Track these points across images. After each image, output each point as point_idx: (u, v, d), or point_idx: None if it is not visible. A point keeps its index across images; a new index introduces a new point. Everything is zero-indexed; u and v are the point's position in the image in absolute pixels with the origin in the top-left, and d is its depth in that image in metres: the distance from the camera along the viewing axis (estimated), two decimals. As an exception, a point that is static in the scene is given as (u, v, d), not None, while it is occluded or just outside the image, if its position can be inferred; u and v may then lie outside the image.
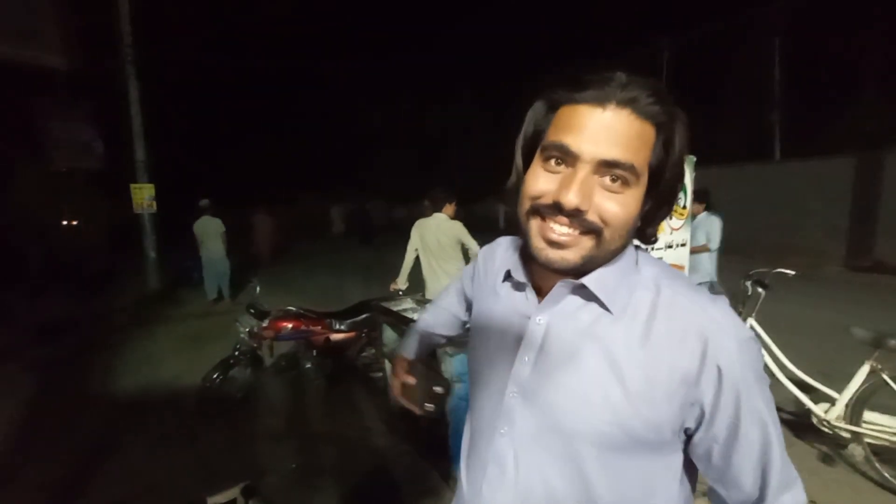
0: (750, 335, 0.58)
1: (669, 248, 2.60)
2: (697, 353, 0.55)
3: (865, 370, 2.37)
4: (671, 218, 2.65)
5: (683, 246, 2.72)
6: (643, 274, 0.63)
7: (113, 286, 8.30)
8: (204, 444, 2.91)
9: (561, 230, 0.56)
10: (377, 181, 21.47)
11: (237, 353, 3.33)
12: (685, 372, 0.55)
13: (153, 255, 7.70)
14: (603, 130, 0.53)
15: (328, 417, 3.24)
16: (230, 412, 3.23)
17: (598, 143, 0.53)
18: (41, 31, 7.75)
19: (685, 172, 0.60)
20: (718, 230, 3.95)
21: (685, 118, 0.58)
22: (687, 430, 0.59)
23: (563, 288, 0.62)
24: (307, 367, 3.59)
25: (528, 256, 0.66)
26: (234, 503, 1.81)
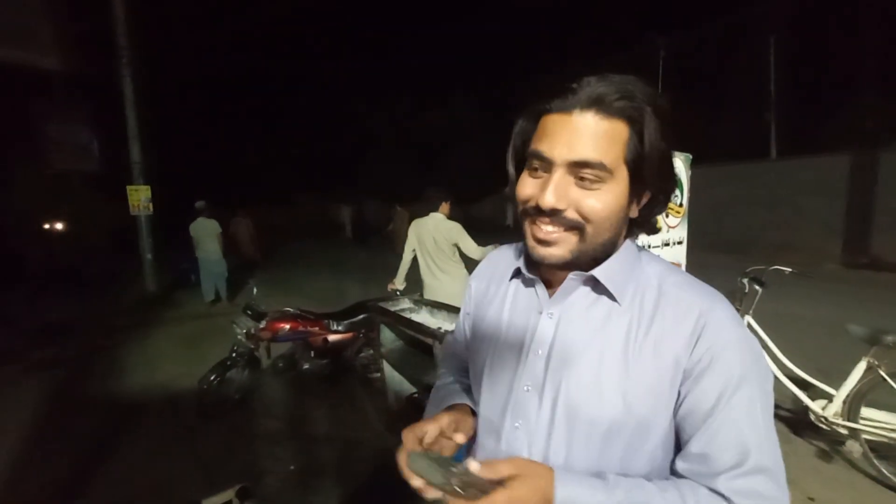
0: (748, 333, 0.63)
1: (666, 245, 2.61)
2: (694, 338, 0.59)
3: (862, 367, 2.37)
4: (667, 216, 2.65)
5: (680, 244, 2.73)
6: (647, 270, 0.67)
7: (110, 288, 8.27)
8: (202, 446, 2.90)
9: (546, 229, 0.62)
10: (375, 181, 21.45)
11: (234, 354, 3.32)
12: (681, 357, 0.60)
13: (150, 256, 7.67)
14: (570, 134, 0.58)
15: (326, 419, 3.23)
16: (228, 414, 3.22)
17: (567, 146, 0.58)
18: (36, 31, 7.72)
19: (673, 164, 0.61)
20: None
21: (664, 109, 0.60)
22: (676, 409, 0.61)
23: (573, 281, 0.66)
24: (305, 368, 3.58)
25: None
26: (229, 505, 1.80)
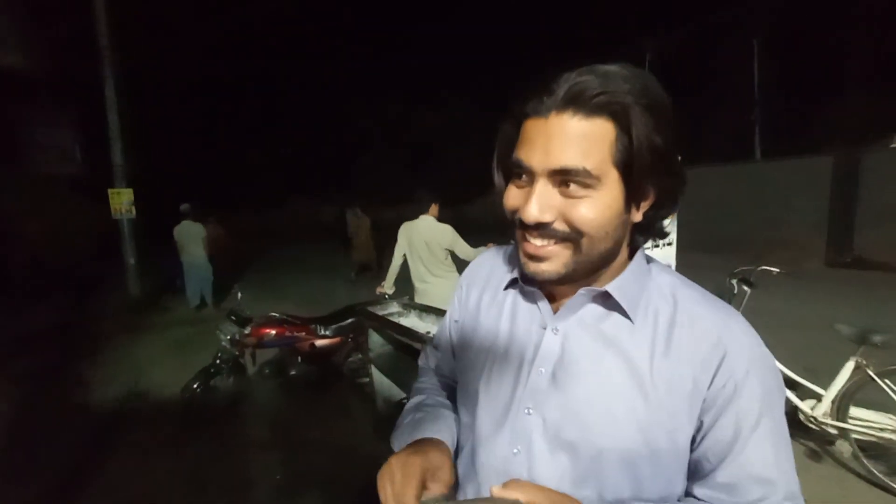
0: (766, 351, 0.58)
1: (656, 246, 2.60)
2: (715, 365, 0.55)
3: (851, 366, 2.38)
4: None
5: (670, 245, 2.73)
6: (658, 283, 0.62)
7: (92, 294, 8.08)
8: (186, 455, 2.82)
9: (536, 243, 0.56)
10: (365, 183, 21.33)
11: (218, 361, 3.24)
12: (702, 383, 0.55)
13: (133, 261, 7.49)
14: (547, 139, 0.52)
15: (314, 425, 3.17)
16: (213, 422, 3.14)
17: (545, 153, 0.52)
18: (15, 33, 7.53)
19: (676, 158, 0.54)
20: None
21: (655, 99, 0.52)
22: (693, 438, 0.57)
23: (583, 296, 0.60)
24: (292, 374, 3.51)
25: None
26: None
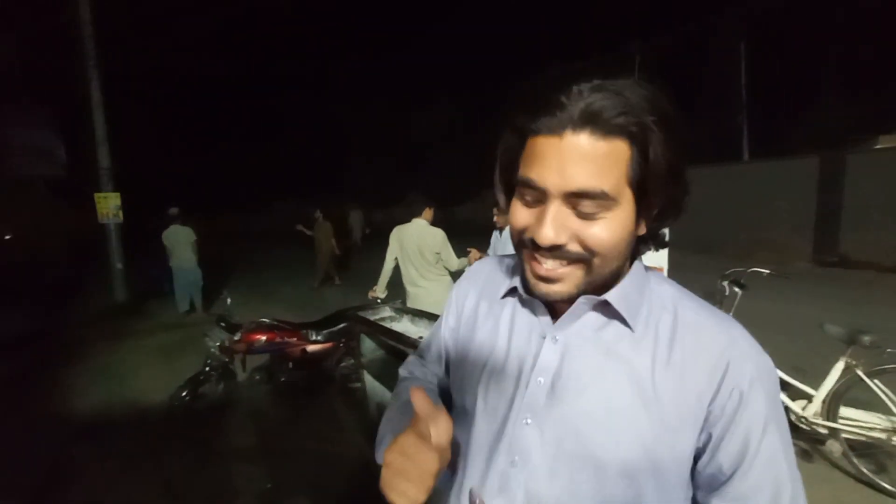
0: (768, 358, 0.57)
1: (652, 248, 2.61)
2: (718, 376, 0.54)
3: (840, 367, 2.41)
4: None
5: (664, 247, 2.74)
6: (658, 292, 0.61)
7: (78, 299, 7.92)
8: (173, 464, 2.76)
9: (547, 265, 0.54)
10: (355, 185, 21.25)
11: (207, 368, 3.19)
12: (705, 394, 0.54)
13: (120, 266, 7.37)
14: (563, 160, 0.50)
15: (306, 432, 3.12)
16: (201, 430, 3.08)
17: (560, 174, 0.50)
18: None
19: (683, 170, 0.54)
20: None
21: (668, 115, 0.51)
22: (697, 451, 0.56)
23: (583, 305, 0.59)
24: (283, 380, 3.46)
25: None
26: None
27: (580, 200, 0.51)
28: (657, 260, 2.69)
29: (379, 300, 3.40)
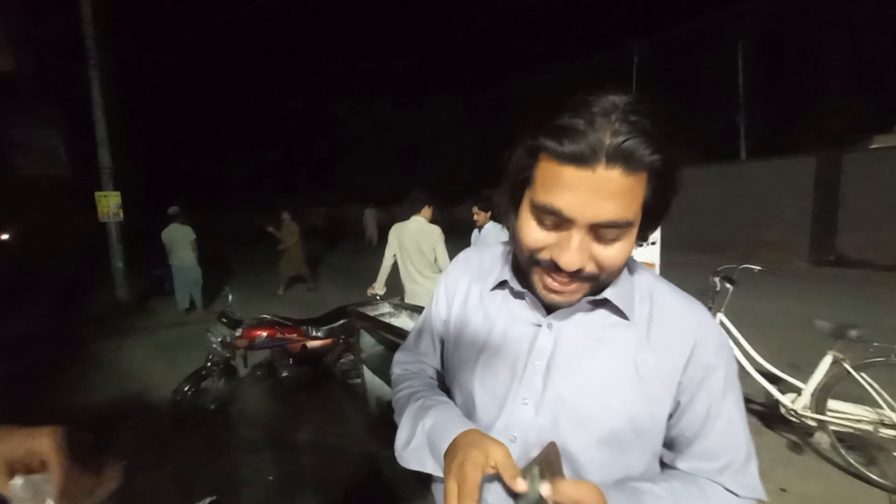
0: (727, 338, 0.68)
1: (640, 246, 2.66)
2: (689, 351, 0.62)
3: (829, 360, 2.46)
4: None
5: (654, 244, 2.79)
6: (638, 281, 0.68)
7: (79, 298, 7.96)
8: (177, 458, 2.81)
9: (562, 281, 0.58)
10: (353, 184, 21.25)
11: (209, 363, 3.23)
12: (678, 368, 0.62)
13: (121, 264, 7.41)
14: (594, 193, 0.50)
15: (306, 427, 3.17)
16: (204, 425, 3.13)
17: (591, 208, 0.51)
18: (1, 34, 7.41)
19: (678, 179, 0.58)
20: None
21: (681, 144, 0.53)
22: (670, 416, 0.65)
23: (584, 302, 0.64)
24: (283, 375, 3.51)
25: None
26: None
27: (605, 230, 0.53)
28: (649, 257, 2.74)
29: (378, 297, 3.46)
